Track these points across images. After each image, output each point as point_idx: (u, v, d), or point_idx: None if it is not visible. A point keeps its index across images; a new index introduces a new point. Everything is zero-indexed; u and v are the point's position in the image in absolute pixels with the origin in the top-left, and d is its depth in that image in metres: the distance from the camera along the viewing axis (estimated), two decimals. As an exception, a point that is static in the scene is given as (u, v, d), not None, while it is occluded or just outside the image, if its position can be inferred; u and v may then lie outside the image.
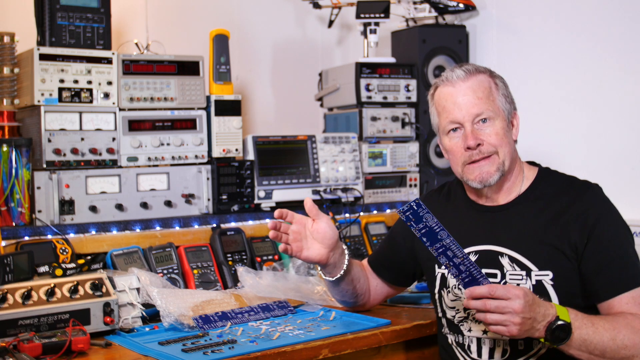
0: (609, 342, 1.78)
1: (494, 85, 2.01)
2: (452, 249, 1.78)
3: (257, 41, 3.71)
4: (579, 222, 1.92)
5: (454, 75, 2.00)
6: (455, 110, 1.98)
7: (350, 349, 2.08)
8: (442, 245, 1.78)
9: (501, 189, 2.04)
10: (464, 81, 1.98)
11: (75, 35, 2.65)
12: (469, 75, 1.99)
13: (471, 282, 1.78)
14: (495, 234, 2.01)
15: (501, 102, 2.00)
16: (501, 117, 1.99)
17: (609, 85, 2.94)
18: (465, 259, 1.78)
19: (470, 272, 1.77)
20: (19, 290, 2.02)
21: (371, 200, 3.27)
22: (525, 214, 2.00)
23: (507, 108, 2.02)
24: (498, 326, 1.72)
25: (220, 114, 2.89)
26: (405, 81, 3.36)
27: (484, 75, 2.02)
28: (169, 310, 2.16)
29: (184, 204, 2.81)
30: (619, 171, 2.89)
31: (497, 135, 1.97)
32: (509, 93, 2.05)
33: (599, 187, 2.00)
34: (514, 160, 2.03)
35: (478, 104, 1.96)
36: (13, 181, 2.48)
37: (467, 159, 1.98)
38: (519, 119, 2.07)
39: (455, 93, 1.99)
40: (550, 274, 1.91)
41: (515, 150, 2.06)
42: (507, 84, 2.07)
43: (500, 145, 1.97)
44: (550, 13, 3.14)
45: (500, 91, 2.01)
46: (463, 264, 1.77)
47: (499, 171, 1.97)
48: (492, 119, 1.97)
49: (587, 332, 1.77)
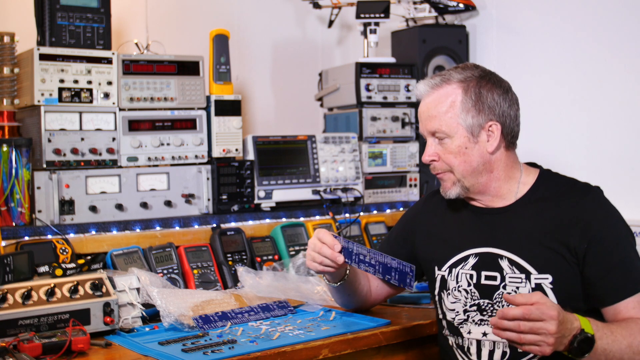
0: (626, 349, 1.77)
1: (460, 98, 1.95)
2: (361, 253, 2.02)
3: (257, 41, 3.71)
4: (579, 226, 1.90)
5: (420, 89, 2.03)
6: (420, 124, 2.05)
7: (350, 349, 2.08)
8: (355, 254, 2.03)
9: (488, 197, 2.03)
10: (426, 97, 2.01)
11: (75, 35, 2.66)
12: (432, 89, 1.99)
13: (384, 268, 2.02)
14: (494, 237, 2.00)
15: (461, 118, 1.94)
16: (459, 134, 1.95)
17: (609, 85, 2.94)
18: (371, 252, 2.03)
19: (378, 261, 2.01)
20: (19, 290, 2.02)
21: (371, 200, 3.27)
22: (525, 217, 1.99)
23: (472, 123, 1.94)
24: (531, 346, 1.67)
25: (220, 114, 2.89)
26: (405, 81, 3.36)
27: (452, 86, 1.97)
28: (169, 310, 2.16)
29: (184, 204, 2.81)
30: (619, 171, 2.88)
31: (450, 154, 1.97)
32: (484, 102, 1.95)
33: (600, 190, 1.99)
34: (487, 171, 1.98)
35: (431, 121, 1.98)
36: (13, 181, 2.48)
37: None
38: (500, 128, 1.96)
39: (420, 107, 2.04)
40: (549, 278, 1.90)
41: (497, 160, 1.99)
42: (492, 89, 1.96)
43: (453, 164, 1.97)
44: (550, 13, 3.14)
45: (464, 105, 1.94)
46: (372, 258, 2.01)
47: (457, 187, 2.00)
48: (447, 137, 1.97)
49: (607, 341, 1.75)
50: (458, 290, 2.03)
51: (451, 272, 2.05)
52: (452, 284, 2.04)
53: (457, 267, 2.04)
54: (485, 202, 2.05)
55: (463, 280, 2.02)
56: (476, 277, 2.00)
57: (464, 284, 2.01)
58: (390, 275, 2.03)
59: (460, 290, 2.02)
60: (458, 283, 2.03)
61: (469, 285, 2.00)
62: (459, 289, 2.02)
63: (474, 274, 2.00)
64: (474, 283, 2.00)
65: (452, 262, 2.06)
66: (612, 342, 1.76)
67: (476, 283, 1.99)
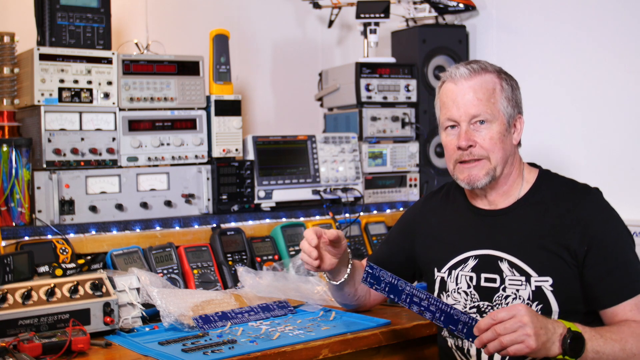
0: (619, 352, 1.77)
1: (499, 86, 1.98)
2: (416, 295, 1.84)
3: (257, 41, 3.71)
4: (578, 228, 1.90)
5: (457, 73, 1.98)
6: (453, 108, 1.98)
7: (350, 349, 2.08)
8: (407, 295, 1.85)
9: (497, 192, 2.03)
10: (467, 80, 1.97)
11: (75, 35, 2.65)
12: (473, 74, 1.97)
13: (446, 318, 1.80)
14: (495, 239, 2.00)
15: (502, 106, 1.97)
16: (500, 120, 1.96)
17: (609, 85, 2.94)
18: (430, 298, 1.83)
19: (440, 309, 1.81)
20: (19, 290, 2.02)
21: (371, 200, 3.27)
22: (525, 219, 1.99)
23: (509, 112, 1.98)
24: (515, 345, 1.67)
25: (220, 114, 2.89)
26: (405, 81, 3.36)
27: (491, 75, 1.99)
28: (169, 310, 2.16)
29: (184, 204, 2.81)
30: (619, 171, 2.88)
31: (491, 140, 1.95)
32: (515, 96, 2.01)
33: (599, 192, 1.99)
34: (510, 164, 2.01)
35: (477, 105, 1.95)
36: (13, 181, 2.48)
37: (459, 157, 1.99)
38: (524, 122, 2.04)
39: (457, 91, 1.98)
40: (549, 280, 1.90)
41: (516, 154, 2.04)
42: (517, 85, 2.03)
43: (493, 150, 1.96)
44: (550, 13, 3.13)
45: (504, 94, 1.98)
46: (431, 304, 1.82)
47: (489, 176, 1.97)
48: (489, 122, 1.95)
49: (599, 343, 1.75)
50: (457, 292, 2.02)
51: (451, 274, 2.05)
52: (452, 286, 2.04)
53: (456, 269, 2.04)
54: (490, 199, 2.05)
55: (462, 282, 2.01)
56: (476, 279, 2.00)
57: (464, 285, 2.01)
58: (456, 327, 1.83)
59: (460, 292, 2.02)
60: (457, 285, 2.03)
61: (468, 287, 2.00)
62: (459, 291, 2.02)
63: (473, 275, 2.00)
64: (473, 285, 2.00)
65: (452, 263, 2.05)
66: (604, 344, 1.76)
67: (476, 285, 1.99)
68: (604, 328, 1.82)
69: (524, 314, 1.67)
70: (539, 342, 1.67)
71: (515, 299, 1.92)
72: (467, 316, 1.80)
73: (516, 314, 1.67)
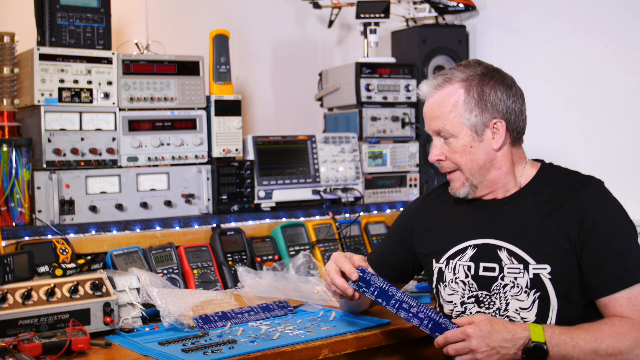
0: (591, 354, 1.78)
1: (463, 97, 1.96)
2: (406, 301, 1.93)
3: (257, 41, 3.71)
4: (577, 217, 1.91)
5: (423, 90, 2.05)
6: (425, 122, 2.07)
7: (350, 349, 2.08)
8: (397, 300, 1.93)
9: (492, 190, 2.04)
10: (430, 97, 2.03)
11: (75, 35, 2.66)
12: (435, 89, 2.01)
13: (434, 325, 1.89)
14: (493, 228, 2.01)
15: (465, 117, 1.95)
16: (463, 133, 1.96)
17: (609, 85, 2.94)
18: (420, 306, 1.91)
19: (429, 316, 1.90)
20: (19, 290, 2.02)
21: (371, 200, 3.27)
22: (525, 208, 1.99)
23: (475, 121, 1.95)
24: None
25: (220, 114, 2.89)
26: (405, 81, 3.36)
27: (454, 86, 1.97)
28: (169, 310, 2.16)
29: (184, 204, 2.81)
30: (619, 170, 2.88)
31: (456, 153, 1.99)
32: (490, 99, 1.96)
33: (600, 182, 1.99)
34: (494, 168, 1.99)
35: (436, 121, 2.00)
36: (13, 181, 2.48)
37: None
38: (504, 125, 1.98)
39: (425, 106, 2.06)
40: (548, 268, 1.90)
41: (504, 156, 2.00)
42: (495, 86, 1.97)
43: (460, 162, 1.99)
44: (550, 13, 3.14)
45: (467, 104, 1.95)
46: (420, 311, 1.91)
47: (465, 187, 2.02)
48: (452, 137, 1.98)
49: (566, 348, 1.78)
50: (455, 282, 2.03)
51: (448, 264, 2.05)
52: (449, 276, 2.04)
53: (454, 258, 2.04)
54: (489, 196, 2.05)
55: (460, 271, 2.01)
56: (474, 269, 2.00)
57: (462, 275, 2.01)
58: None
59: (458, 282, 2.02)
60: (455, 275, 2.03)
61: (466, 277, 2.00)
62: (456, 281, 2.02)
63: (472, 265, 2.00)
64: (471, 275, 2.00)
65: (450, 254, 2.06)
66: (572, 349, 1.78)
67: (474, 274, 1.99)
68: (581, 328, 1.82)
69: (473, 341, 1.78)
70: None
71: (513, 287, 1.92)
72: (454, 325, 1.87)
73: (465, 338, 1.79)
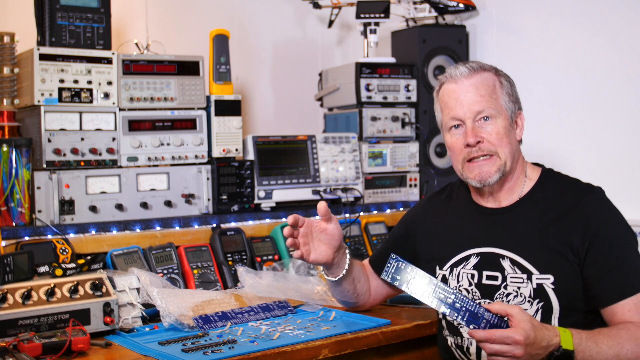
0: (613, 359, 1.77)
1: (499, 83, 2.00)
2: (442, 288, 1.78)
3: (257, 41, 3.71)
4: (580, 226, 1.91)
5: (457, 72, 2.00)
6: (457, 107, 1.99)
7: (350, 349, 2.08)
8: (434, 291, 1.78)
9: (502, 189, 2.04)
10: (467, 78, 1.99)
11: (75, 35, 2.65)
12: (472, 72, 1.99)
13: (470, 316, 1.75)
14: (497, 236, 2.00)
15: (504, 101, 1.99)
16: (503, 116, 1.98)
17: (609, 85, 2.94)
18: (456, 293, 1.77)
19: (466, 307, 1.75)
20: (19, 290, 2.02)
21: (371, 200, 3.26)
22: (528, 217, 1.99)
23: (511, 107, 2.00)
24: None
25: (220, 114, 2.89)
26: (405, 81, 3.36)
27: (489, 72, 2.01)
28: (169, 310, 2.16)
29: (184, 204, 2.81)
30: (619, 171, 2.88)
31: (497, 135, 1.96)
32: (514, 92, 2.04)
33: (601, 191, 1.99)
34: (516, 160, 2.02)
35: (480, 101, 1.96)
36: (13, 181, 2.48)
37: (467, 155, 1.99)
38: (524, 119, 2.05)
39: (458, 90, 1.99)
40: (551, 278, 1.90)
41: (519, 151, 2.05)
42: (513, 82, 2.05)
43: (500, 145, 1.97)
44: (550, 13, 3.14)
45: (504, 90, 2.00)
46: (457, 301, 1.76)
47: (499, 172, 1.98)
48: (493, 118, 1.97)
49: (591, 353, 1.76)
50: (459, 289, 2.03)
51: (452, 272, 2.05)
52: (453, 284, 2.04)
53: (458, 266, 2.04)
54: (496, 196, 2.05)
55: (464, 279, 2.02)
56: (477, 277, 2.00)
57: (465, 283, 2.01)
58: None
59: (461, 290, 2.02)
60: (459, 282, 2.03)
61: (470, 285, 2.00)
62: (460, 289, 2.02)
63: (475, 273, 2.00)
64: (475, 283, 2.00)
65: (454, 261, 2.06)
66: (597, 354, 1.76)
67: (477, 283, 1.99)
68: (602, 333, 1.81)
69: (519, 349, 1.67)
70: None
71: (516, 296, 1.92)
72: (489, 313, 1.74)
73: (512, 344, 1.67)
